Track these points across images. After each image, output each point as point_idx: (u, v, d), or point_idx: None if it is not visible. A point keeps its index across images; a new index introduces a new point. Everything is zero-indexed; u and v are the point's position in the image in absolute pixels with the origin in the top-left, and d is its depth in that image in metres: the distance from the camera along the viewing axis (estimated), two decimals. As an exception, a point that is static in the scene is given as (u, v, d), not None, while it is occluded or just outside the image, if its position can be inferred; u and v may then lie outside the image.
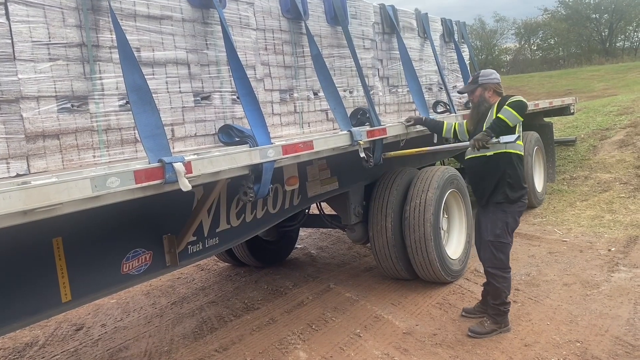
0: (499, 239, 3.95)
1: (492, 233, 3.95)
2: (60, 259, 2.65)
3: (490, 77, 4.05)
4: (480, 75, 4.06)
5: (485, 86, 4.04)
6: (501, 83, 4.13)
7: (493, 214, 3.96)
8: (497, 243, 3.96)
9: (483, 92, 4.04)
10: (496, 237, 3.95)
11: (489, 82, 4.03)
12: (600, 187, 8.47)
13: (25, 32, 2.30)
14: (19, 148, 2.28)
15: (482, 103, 4.05)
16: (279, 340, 4.30)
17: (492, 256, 3.99)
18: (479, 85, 4.05)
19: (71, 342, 4.66)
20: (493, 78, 4.05)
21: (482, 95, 4.05)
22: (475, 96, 4.09)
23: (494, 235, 3.95)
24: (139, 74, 2.50)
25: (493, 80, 4.05)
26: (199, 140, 3.15)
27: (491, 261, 4.01)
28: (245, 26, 3.49)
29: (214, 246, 3.58)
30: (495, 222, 3.95)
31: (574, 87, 25.58)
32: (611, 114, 11.99)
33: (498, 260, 3.98)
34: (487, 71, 4.13)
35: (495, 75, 4.08)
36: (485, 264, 4.08)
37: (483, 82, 4.03)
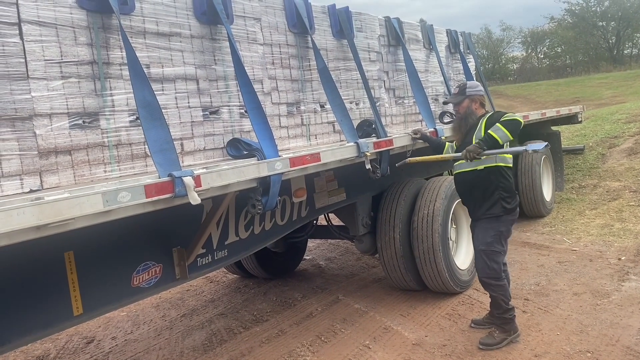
0: (491, 247, 3.90)
1: (484, 242, 3.91)
2: (72, 272, 2.69)
3: (476, 88, 4.05)
4: (467, 87, 4.04)
5: (473, 98, 4.01)
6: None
7: (487, 223, 3.92)
8: (489, 252, 3.90)
9: (470, 103, 4.01)
10: (488, 245, 3.90)
11: (476, 93, 4.02)
12: (610, 195, 8.43)
13: (38, 51, 2.36)
14: (32, 164, 2.33)
15: (470, 115, 4.01)
16: (288, 352, 4.30)
17: (485, 265, 3.93)
18: (466, 97, 4.01)
19: (82, 355, 4.69)
20: (479, 90, 4.06)
21: (469, 106, 4.01)
22: (462, 107, 4.04)
23: (486, 243, 3.90)
24: (149, 90, 2.55)
25: (480, 92, 4.06)
26: (208, 154, 3.19)
27: (484, 271, 3.95)
28: (252, 41, 3.54)
29: (223, 258, 3.61)
30: (487, 230, 3.91)
31: (582, 95, 25.52)
32: (619, 121, 11.94)
33: (491, 269, 3.91)
34: (474, 83, 4.14)
35: (480, 87, 4.11)
36: (479, 274, 4.03)
37: (470, 93, 4.01)
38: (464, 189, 4.09)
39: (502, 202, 3.86)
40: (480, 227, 3.96)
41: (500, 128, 3.66)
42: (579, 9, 45.12)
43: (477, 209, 3.96)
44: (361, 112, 4.66)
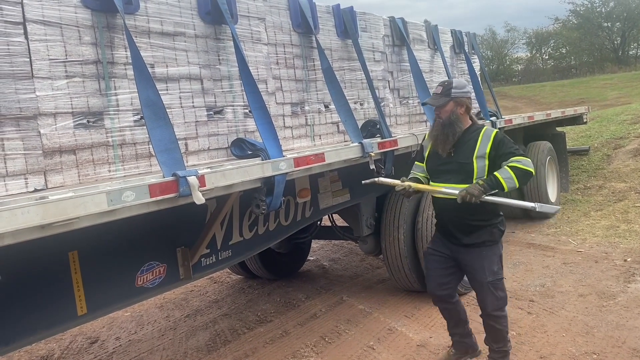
0: (497, 276, 3.33)
1: (491, 271, 3.30)
2: (76, 272, 2.69)
3: (463, 89, 3.28)
4: (453, 87, 3.25)
5: (459, 100, 3.24)
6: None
7: (489, 251, 3.31)
8: (496, 281, 3.32)
9: (455, 107, 3.24)
10: (495, 274, 3.32)
11: (463, 95, 3.27)
12: (615, 196, 8.39)
13: (42, 51, 2.36)
14: (37, 163, 2.33)
15: (456, 122, 3.24)
16: (292, 353, 4.29)
17: (494, 297, 3.32)
18: (451, 99, 3.23)
19: (86, 356, 4.70)
20: (467, 91, 3.31)
21: (454, 111, 3.23)
22: (445, 111, 3.25)
23: (493, 273, 3.31)
24: (153, 89, 2.54)
25: (467, 94, 3.30)
26: (212, 153, 3.19)
27: (493, 303, 3.34)
28: (256, 41, 3.54)
29: (227, 259, 3.60)
30: (491, 258, 3.31)
31: (587, 96, 25.44)
32: (625, 122, 11.89)
33: (500, 299, 3.35)
34: (461, 82, 3.36)
35: (469, 87, 3.36)
36: (487, 308, 3.37)
37: (456, 95, 3.23)
38: (451, 214, 3.32)
39: (499, 225, 3.34)
40: (482, 256, 3.30)
41: (510, 175, 3.07)
42: (583, 10, 44.99)
43: (469, 236, 3.30)
44: (365, 112, 4.66)
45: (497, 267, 3.32)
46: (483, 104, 6.12)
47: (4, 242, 1.83)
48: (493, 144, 3.18)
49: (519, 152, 3.15)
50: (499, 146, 3.17)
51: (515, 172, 3.07)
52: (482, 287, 3.33)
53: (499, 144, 3.18)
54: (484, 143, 3.19)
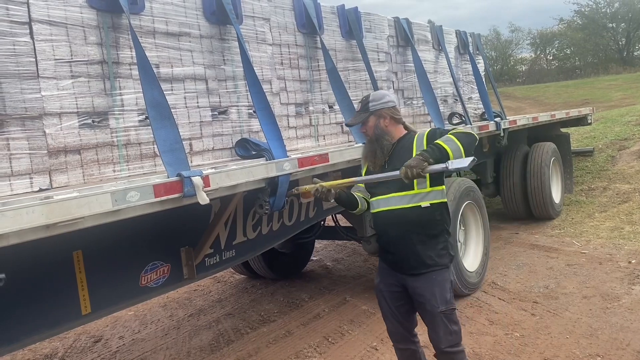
0: (450, 305, 2.90)
1: (443, 300, 2.87)
2: (81, 272, 2.69)
3: (382, 100, 3.00)
4: (370, 100, 3.01)
5: (379, 113, 2.98)
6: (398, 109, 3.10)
7: (440, 276, 2.90)
8: (449, 312, 2.88)
9: (377, 120, 2.98)
10: (448, 303, 2.88)
11: (383, 107, 2.98)
12: (620, 198, 8.36)
13: (48, 51, 2.37)
14: (42, 163, 2.33)
15: (382, 136, 2.97)
16: (295, 353, 4.29)
17: (447, 331, 2.87)
18: (370, 114, 2.99)
19: (90, 354, 4.71)
20: (387, 101, 3.01)
21: (377, 125, 2.98)
22: (369, 127, 3.01)
23: (445, 302, 2.87)
24: (158, 89, 2.55)
25: (387, 104, 3.00)
26: (217, 154, 3.19)
27: (447, 338, 2.88)
28: (261, 41, 3.54)
29: (231, 258, 3.61)
30: (443, 284, 2.89)
31: (591, 97, 25.35)
32: (630, 123, 11.85)
33: (454, 334, 2.90)
34: (379, 94, 3.12)
35: (389, 97, 3.06)
36: (441, 345, 2.89)
37: (375, 107, 2.98)
38: (396, 233, 2.91)
39: (449, 248, 2.96)
40: (432, 282, 2.88)
41: (452, 139, 2.71)
42: (588, 11, 44.82)
43: (418, 260, 2.87)
44: (370, 112, 4.64)
45: (449, 295, 2.90)
46: (487, 104, 6.11)
47: (9, 242, 1.84)
48: (428, 139, 2.85)
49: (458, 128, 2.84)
50: (434, 136, 2.85)
51: (456, 136, 2.72)
52: (433, 319, 2.90)
53: (434, 134, 2.86)
54: (419, 143, 2.88)
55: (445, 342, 2.89)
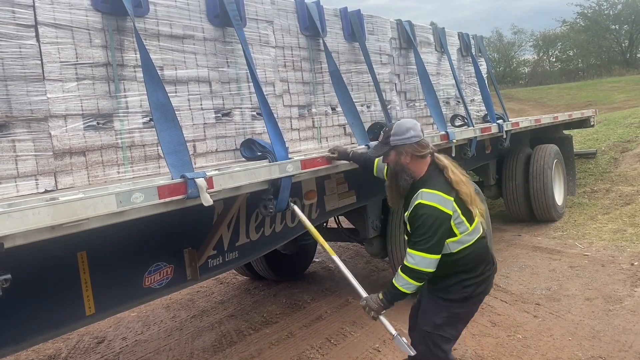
0: (439, 331, 2.87)
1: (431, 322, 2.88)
2: (85, 272, 2.71)
3: (404, 136, 2.77)
4: (392, 134, 2.81)
5: (400, 149, 2.79)
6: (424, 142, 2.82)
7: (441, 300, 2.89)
8: (435, 335, 2.87)
9: (398, 157, 2.80)
10: (435, 328, 2.87)
11: (404, 143, 2.77)
12: (622, 200, 8.35)
13: (54, 53, 2.39)
14: (47, 165, 2.35)
15: (402, 172, 2.81)
16: (297, 354, 4.30)
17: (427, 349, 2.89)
18: (391, 148, 2.83)
19: (93, 355, 4.72)
20: (410, 137, 2.76)
21: (398, 162, 2.81)
22: (390, 160, 2.89)
23: (433, 325, 2.87)
24: (162, 92, 2.56)
25: (410, 139, 2.77)
26: (220, 155, 3.21)
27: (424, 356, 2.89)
28: (264, 44, 3.56)
29: (234, 260, 3.62)
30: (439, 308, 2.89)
31: (594, 99, 25.32)
32: (632, 125, 11.83)
33: (433, 355, 2.89)
34: (402, 126, 2.82)
35: (413, 131, 2.77)
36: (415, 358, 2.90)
37: (396, 143, 2.79)
38: None
39: (464, 285, 2.81)
40: (431, 304, 2.92)
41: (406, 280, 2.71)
42: (591, 12, 44.77)
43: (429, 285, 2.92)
44: (372, 114, 4.66)
45: (441, 322, 2.84)
46: (490, 106, 6.11)
47: (15, 243, 1.85)
48: (410, 219, 2.78)
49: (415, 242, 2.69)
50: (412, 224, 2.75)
51: (406, 274, 2.71)
52: (417, 333, 2.97)
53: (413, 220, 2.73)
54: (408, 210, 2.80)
55: (421, 356, 2.87)
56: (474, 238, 2.79)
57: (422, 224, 2.65)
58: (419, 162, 2.80)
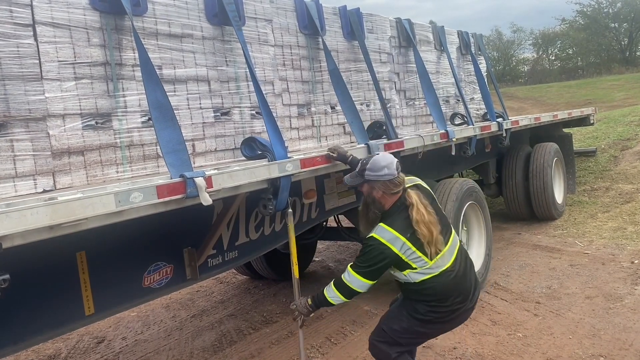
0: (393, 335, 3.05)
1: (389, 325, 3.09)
2: (84, 272, 2.70)
3: (378, 172, 2.85)
4: (367, 169, 2.90)
5: (372, 184, 2.90)
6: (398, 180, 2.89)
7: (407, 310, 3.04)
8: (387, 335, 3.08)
9: (370, 190, 2.93)
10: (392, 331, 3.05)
11: (378, 179, 2.86)
12: (622, 198, 8.35)
13: (52, 52, 2.38)
14: (46, 164, 2.34)
15: (371, 206, 2.98)
16: (297, 353, 4.30)
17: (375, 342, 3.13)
18: (364, 181, 2.94)
19: (93, 355, 4.72)
20: (383, 174, 2.84)
21: (370, 194, 2.95)
22: (364, 191, 3.02)
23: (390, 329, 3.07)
24: (161, 91, 2.55)
25: (383, 177, 2.85)
26: (219, 155, 3.20)
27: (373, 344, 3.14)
28: (263, 43, 3.55)
29: (234, 259, 3.61)
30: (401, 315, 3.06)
31: (594, 97, 25.32)
32: (632, 123, 11.83)
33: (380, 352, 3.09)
34: (378, 163, 2.88)
35: (387, 170, 2.84)
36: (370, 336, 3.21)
37: (370, 178, 2.90)
38: None
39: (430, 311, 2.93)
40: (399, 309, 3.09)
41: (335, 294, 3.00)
42: (590, 11, 44.76)
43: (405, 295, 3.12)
44: (372, 113, 4.65)
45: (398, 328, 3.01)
46: (490, 105, 6.10)
47: (13, 243, 1.84)
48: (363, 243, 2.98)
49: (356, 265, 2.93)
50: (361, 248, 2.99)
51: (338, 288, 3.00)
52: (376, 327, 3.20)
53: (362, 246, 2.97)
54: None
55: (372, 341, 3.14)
56: (435, 272, 2.86)
57: (368, 252, 2.85)
58: (390, 198, 2.91)
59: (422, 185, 3.08)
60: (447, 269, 2.89)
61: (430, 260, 2.82)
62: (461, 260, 2.99)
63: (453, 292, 2.91)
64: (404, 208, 2.85)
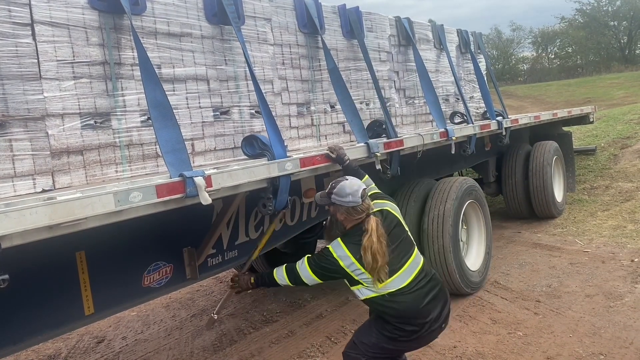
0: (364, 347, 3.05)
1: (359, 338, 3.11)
2: (84, 272, 2.70)
3: (343, 199, 2.96)
4: (334, 192, 3.01)
5: (337, 207, 3.03)
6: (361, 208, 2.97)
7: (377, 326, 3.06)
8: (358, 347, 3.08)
9: (335, 212, 3.08)
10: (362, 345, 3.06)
11: (341, 204, 2.98)
12: (622, 196, 8.35)
13: (50, 52, 2.37)
14: (45, 164, 2.34)
15: (336, 224, 3.23)
16: (298, 353, 4.30)
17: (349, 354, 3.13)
18: (331, 203, 3.07)
19: (93, 355, 4.72)
20: (347, 201, 2.95)
21: (335, 215, 3.12)
22: (330, 211, 3.19)
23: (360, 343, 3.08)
24: (160, 90, 2.55)
25: (347, 203, 2.95)
26: (219, 154, 3.20)
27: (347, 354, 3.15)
28: (262, 41, 3.54)
29: (233, 259, 3.61)
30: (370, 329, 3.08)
31: (593, 96, 25.32)
32: (632, 122, 11.83)
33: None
34: (344, 189, 2.98)
35: (352, 197, 2.94)
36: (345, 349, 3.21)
37: (335, 201, 3.02)
38: None
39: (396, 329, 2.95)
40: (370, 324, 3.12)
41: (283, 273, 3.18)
42: (590, 9, 44.79)
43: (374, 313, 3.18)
44: (371, 112, 4.65)
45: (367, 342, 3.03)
46: (489, 103, 6.10)
47: (12, 243, 1.84)
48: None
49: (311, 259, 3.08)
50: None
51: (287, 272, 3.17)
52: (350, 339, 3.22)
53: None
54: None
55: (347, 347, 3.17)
56: (383, 292, 2.92)
57: (322, 258, 3.01)
58: (352, 220, 3.04)
59: (389, 211, 3.14)
60: (401, 289, 2.93)
61: (379, 282, 2.90)
62: (422, 280, 3.01)
63: (415, 312, 2.94)
64: (361, 232, 2.94)
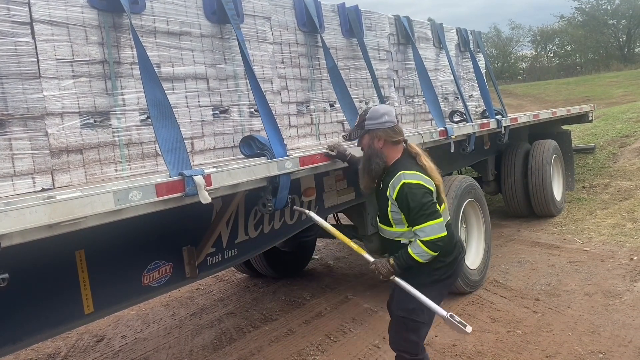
0: (412, 315, 2.92)
1: (404, 307, 2.96)
2: (83, 271, 2.69)
3: (379, 120, 2.88)
4: (367, 118, 2.92)
5: (374, 134, 2.90)
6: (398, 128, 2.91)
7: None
8: (409, 320, 2.94)
9: (371, 140, 2.91)
10: (409, 312, 2.93)
11: (378, 127, 2.88)
12: (621, 195, 8.36)
13: (50, 51, 2.37)
14: (44, 163, 2.34)
15: (374, 156, 2.91)
16: (297, 351, 4.30)
17: (400, 336, 3.04)
18: (365, 132, 2.94)
19: (92, 354, 4.72)
20: (384, 121, 2.87)
21: (371, 145, 2.92)
22: (364, 145, 3.01)
23: (406, 310, 2.94)
24: (160, 89, 2.55)
25: (384, 124, 2.87)
26: (218, 153, 3.20)
27: (398, 342, 3.06)
28: (262, 40, 3.54)
29: (233, 257, 3.61)
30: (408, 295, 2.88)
31: (592, 94, 25.32)
32: (631, 120, 11.84)
33: (408, 342, 3.00)
34: (377, 111, 2.91)
35: (387, 117, 2.87)
36: (391, 344, 3.13)
37: (370, 127, 2.90)
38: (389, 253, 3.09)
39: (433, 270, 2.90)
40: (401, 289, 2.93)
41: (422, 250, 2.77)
42: (589, 7, 44.80)
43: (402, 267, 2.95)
44: (371, 111, 4.65)
45: (413, 306, 2.87)
46: (488, 102, 6.11)
47: (12, 242, 1.84)
48: (398, 200, 2.81)
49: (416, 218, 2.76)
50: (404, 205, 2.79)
51: (425, 245, 2.77)
52: (392, 319, 3.09)
53: (403, 202, 2.79)
54: (391, 192, 2.84)
55: (394, 344, 3.06)
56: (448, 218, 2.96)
57: (414, 199, 2.75)
58: (392, 148, 2.91)
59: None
60: (449, 221, 3.00)
61: (440, 207, 2.86)
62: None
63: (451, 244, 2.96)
64: (412, 159, 2.88)
